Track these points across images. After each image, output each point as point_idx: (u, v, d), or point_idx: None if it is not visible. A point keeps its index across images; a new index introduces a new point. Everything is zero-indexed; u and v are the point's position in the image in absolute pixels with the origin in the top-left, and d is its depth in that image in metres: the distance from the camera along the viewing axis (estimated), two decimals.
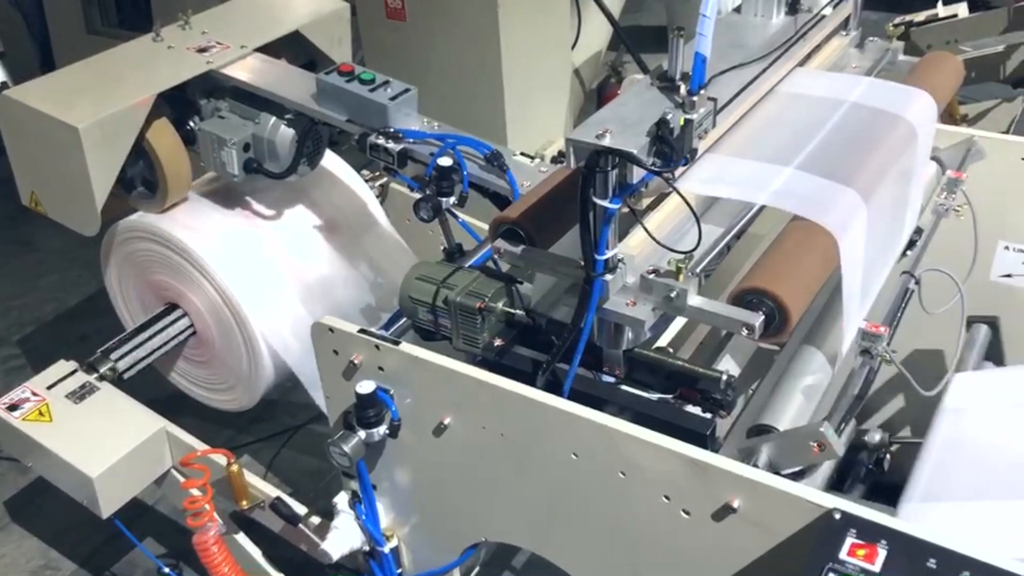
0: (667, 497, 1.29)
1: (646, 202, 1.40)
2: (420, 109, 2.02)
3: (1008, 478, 1.48)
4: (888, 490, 1.93)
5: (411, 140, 1.91)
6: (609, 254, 1.30)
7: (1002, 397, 1.64)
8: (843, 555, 1.12)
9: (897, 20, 3.39)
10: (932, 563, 1.09)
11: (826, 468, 1.48)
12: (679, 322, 1.64)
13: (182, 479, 1.95)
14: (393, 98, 1.94)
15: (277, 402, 2.72)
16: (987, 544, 1.33)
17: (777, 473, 1.31)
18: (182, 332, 2.21)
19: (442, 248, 1.99)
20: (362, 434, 1.50)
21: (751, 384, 1.57)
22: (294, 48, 2.28)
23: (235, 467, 1.79)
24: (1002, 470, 1.50)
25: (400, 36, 3.20)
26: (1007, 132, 2.37)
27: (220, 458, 1.81)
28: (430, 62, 3.17)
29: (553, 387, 1.41)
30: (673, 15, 3.89)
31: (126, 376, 2.11)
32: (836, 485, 2.02)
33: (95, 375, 2.03)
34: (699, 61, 1.24)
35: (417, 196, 1.87)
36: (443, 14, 3.09)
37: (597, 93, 3.84)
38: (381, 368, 1.49)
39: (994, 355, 2.03)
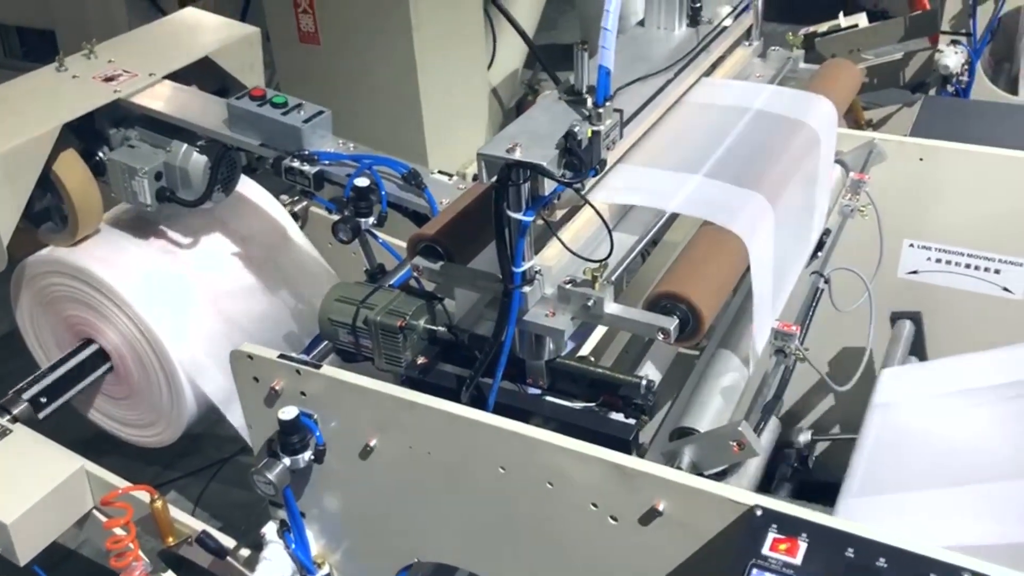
0: (595, 504, 1.30)
1: (560, 213, 1.41)
2: (340, 133, 2.01)
3: (938, 467, 1.53)
4: (815, 488, 1.98)
5: (327, 162, 1.90)
6: (526, 266, 1.31)
7: (927, 389, 1.70)
8: (766, 550, 1.14)
9: (802, 31, 3.52)
10: (850, 552, 1.11)
11: (753, 469, 1.51)
12: (600, 331, 1.66)
13: (104, 519, 1.89)
14: (307, 120, 1.93)
15: (203, 435, 2.66)
16: (921, 532, 1.38)
17: (700, 474, 1.34)
18: (99, 368, 2.15)
19: (364, 269, 1.98)
20: (287, 461, 1.47)
21: (674, 388, 1.59)
22: (205, 75, 2.25)
23: (159, 503, 1.75)
24: (932, 460, 1.55)
25: (315, 60, 3.19)
26: (908, 135, 2.46)
27: (143, 495, 1.76)
28: (347, 86, 3.17)
29: (478, 402, 1.42)
30: (588, 32, 3.96)
31: (41, 417, 2.04)
32: (764, 485, 2.06)
33: (7, 417, 1.96)
34: (603, 74, 1.26)
35: (336, 218, 1.86)
36: (357, 37, 3.09)
37: (516, 111, 3.88)
38: (303, 393, 1.47)
39: (917, 350, 2.10)
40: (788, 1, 4.52)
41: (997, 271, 1.99)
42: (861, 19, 3.53)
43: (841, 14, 3.55)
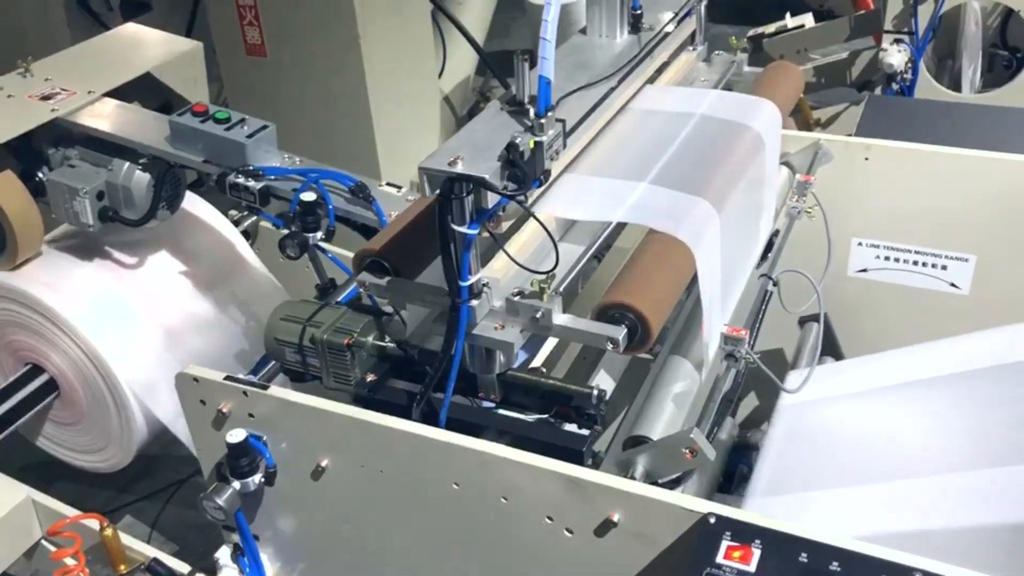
0: (550, 518, 1.29)
1: (506, 225, 1.40)
2: (290, 146, 1.98)
3: (841, 465, 1.53)
4: None
5: (272, 177, 1.87)
6: (472, 279, 1.30)
7: (832, 389, 1.70)
8: (720, 558, 1.13)
9: (750, 32, 3.56)
10: (803, 557, 1.12)
11: (712, 472, 1.51)
12: (552, 341, 1.65)
13: (53, 549, 1.84)
14: (250, 135, 1.90)
15: (158, 457, 2.60)
16: (825, 528, 1.38)
17: (655, 483, 1.33)
18: (45, 394, 2.10)
19: (316, 285, 1.96)
20: (237, 484, 1.44)
21: (630, 395, 1.59)
22: (147, 91, 2.21)
23: (109, 531, 1.70)
24: (835, 458, 1.55)
25: (263, 73, 3.15)
26: (854, 133, 2.49)
27: (92, 523, 1.72)
28: (296, 97, 3.14)
29: (430, 418, 1.40)
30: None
31: None
32: (724, 487, 2.07)
33: None
34: (543, 84, 1.26)
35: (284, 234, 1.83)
36: (304, 48, 3.06)
37: (468, 118, 3.87)
38: (251, 415, 1.44)
39: (831, 350, 2.11)
40: (735, 3, 4.58)
41: (944, 267, 2.02)
42: (808, 19, 3.57)
43: (788, 15, 3.59)
